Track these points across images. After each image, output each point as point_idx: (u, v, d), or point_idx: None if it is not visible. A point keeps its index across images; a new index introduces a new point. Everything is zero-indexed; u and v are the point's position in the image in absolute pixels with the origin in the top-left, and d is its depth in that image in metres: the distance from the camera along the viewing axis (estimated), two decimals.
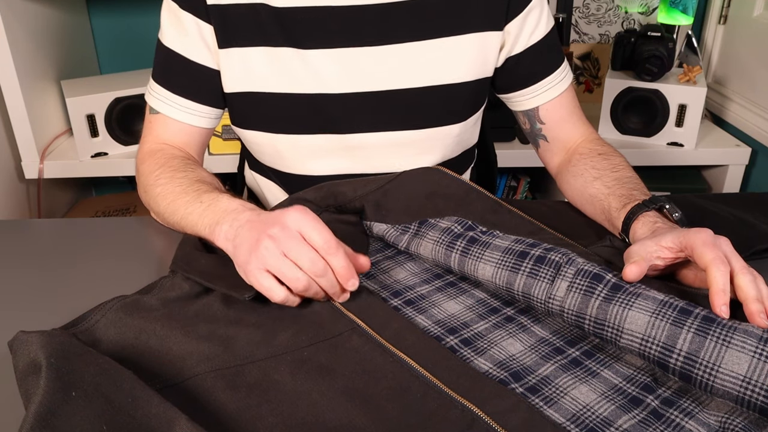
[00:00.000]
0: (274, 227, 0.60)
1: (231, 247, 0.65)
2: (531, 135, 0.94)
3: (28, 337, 0.53)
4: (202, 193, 0.74)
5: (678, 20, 1.60)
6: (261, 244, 0.60)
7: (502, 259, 0.64)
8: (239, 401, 0.52)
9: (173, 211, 0.75)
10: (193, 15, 0.81)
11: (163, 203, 0.77)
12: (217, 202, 0.70)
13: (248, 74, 0.83)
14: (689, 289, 0.64)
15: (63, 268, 0.75)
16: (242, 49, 0.82)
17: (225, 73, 0.84)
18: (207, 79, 0.85)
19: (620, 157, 0.85)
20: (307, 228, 0.60)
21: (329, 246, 0.59)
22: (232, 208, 0.68)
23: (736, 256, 0.59)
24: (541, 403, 0.53)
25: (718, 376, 0.50)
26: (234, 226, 0.65)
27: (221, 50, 0.82)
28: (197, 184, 0.76)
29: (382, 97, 0.84)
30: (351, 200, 0.79)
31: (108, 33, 1.82)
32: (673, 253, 0.62)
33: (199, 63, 0.84)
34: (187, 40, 0.83)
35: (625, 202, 0.74)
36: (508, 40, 0.86)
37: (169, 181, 0.79)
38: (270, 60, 0.82)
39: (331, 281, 0.60)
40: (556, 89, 0.90)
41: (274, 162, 0.91)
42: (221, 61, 0.83)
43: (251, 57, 0.82)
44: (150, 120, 0.87)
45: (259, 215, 0.65)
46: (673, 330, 0.52)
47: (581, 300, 0.58)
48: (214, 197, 0.72)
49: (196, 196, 0.74)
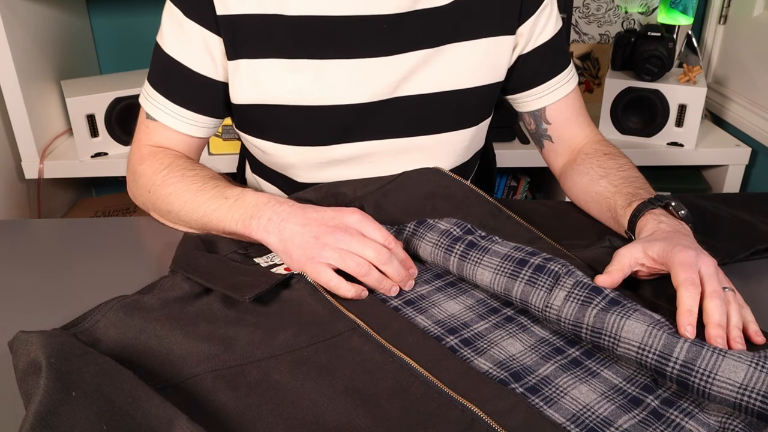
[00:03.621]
0: (336, 230, 0.66)
1: (276, 240, 0.68)
2: (536, 135, 0.94)
3: (28, 337, 0.53)
4: (224, 188, 0.75)
5: (678, 20, 1.60)
6: (323, 242, 0.65)
7: (501, 266, 0.64)
8: (239, 401, 0.52)
9: (193, 209, 0.75)
10: (199, 24, 0.78)
11: (177, 202, 0.77)
12: (244, 197, 0.72)
13: (260, 86, 0.81)
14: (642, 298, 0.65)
15: (63, 268, 0.75)
16: (254, 60, 0.80)
17: (235, 84, 0.82)
18: (208, 90, 0.83)
19: (626, 158, 0.86)
20: (368, 228, 0.67)
21: (390, 240, 0.67)
22: (264, 201, 0.71)
23: (713, 279, 0.59)
24: (541, 403, 0.53)
25: (714, 383, 0.50)
26: (276, 220, 0.68)
27: (231, 62, 0.80)
28: (213, 181, 0.77)
29: (395, 104, 0.84)
30: (351, 201, 0.79)
31: (108, 33, 1.82)
32: (657, 264, 0.64)
33: (201, 73, 0.81)
34: (189, 48, 0.80)
35: (632, 199, 0.75)
36: (520, 42, 0.87)
37: (179, 180, 0.78)
38: (284, 71, 0.80)
39: (397, 268, 0.66)
40: (564, 89, 0.90)
41: (283, 169, 0.91)
42: (230, 72, 0.81)
43: (263, 68, 0.80)
44: (147, 125, 0.85)
45: (305, 210, 0.69)
46: (669, 339, 0.53)
47: (578, 309, 0.58)
48: (238, 192, 0.73)
49: (219, 193, 0.74)
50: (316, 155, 0.86)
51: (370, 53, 0.80)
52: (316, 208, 0.69)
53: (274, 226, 0.68)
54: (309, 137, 0.84)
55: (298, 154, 0.86)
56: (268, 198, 0.71)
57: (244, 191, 0.73)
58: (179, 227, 0.80)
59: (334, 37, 0.79)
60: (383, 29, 0.80)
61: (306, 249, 0.66)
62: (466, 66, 0.84)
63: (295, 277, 0.66)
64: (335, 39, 0.80)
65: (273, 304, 0.63)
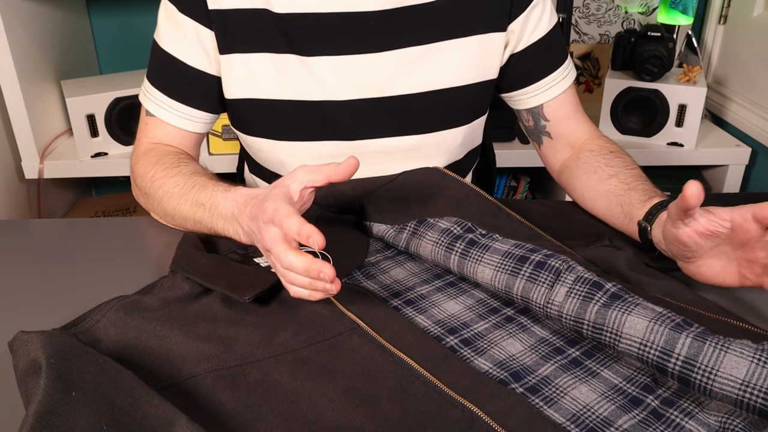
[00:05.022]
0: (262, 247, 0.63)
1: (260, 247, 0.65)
2: (534, 132, 0.94)
3: (28, 337, 0.53)
4: (198, 192, 0.74)
5: (678, 20, 1.60)
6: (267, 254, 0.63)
7: (502, 263, 0.64)
8: (239, 401, 0.52)
9: (184, 218, 0.76)
10: (192, 19, 0.80)
11: (169, 206, 0.78)
12: (216, 207, 0.71)
13: (251, 80, 0.82)
14: (688, 308, 0.64)
15: (63, 268, 0.75)
16: (245, 55, 0.81)
17: (227, 79, 0.83)
18: (204, 85, 0.84)
19: (629, 156, 0.86)
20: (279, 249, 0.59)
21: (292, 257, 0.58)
22: (230, 213, 0.69)
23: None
24: (541, 403, 0.53)
25: (716, 380, 0.50)
26: (241, 232, 0.68)
27: (222, 56, 0.81)
28: (192, 180, 0.76)
29: (384, 103, 0.84)
30: (351, 200, 0.79)
31: (108, 33, 1.82)
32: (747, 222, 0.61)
33: (197, 68, 0.83)
34: (184, 44, 0.82)
35: (651, 195, 0.75)
36: (512, 39, 0.86)
37: (163, 183, 0.78)
38: (273, 66, 0.81)
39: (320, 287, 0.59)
40: (561, 86, 0.89)
41: (276, 168, 0.91)
42: (222, 67, 0.82)
43: (254, 63, 0.81)
44: (146, 122, 0.87)
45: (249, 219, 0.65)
46: (671, 335, 0.52)
47: (580, 305, 0.58)
48: (210, 199, 0.72)
49: (196, 200, 0.74)
50: (307, 152, 0.86)
51: (357, 50, 0.81)
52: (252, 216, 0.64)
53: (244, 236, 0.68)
54: (299, 133, 0.85)
55: (291, 150, 0.86)
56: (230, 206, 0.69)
57: (215, 199, 0.72)
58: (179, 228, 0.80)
59: (322, 33, 0.80)
60: (371, 26, 0.80)
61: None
62: (456, 64, 0.84)
63: None
64: (322, 35, 0.80)
65: (273, 304, 0.64)
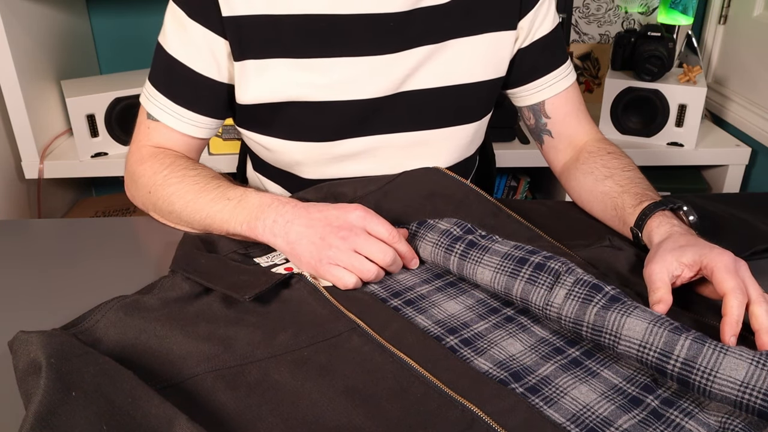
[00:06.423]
0: (340, 230, 0.67)
1: (283, 243, 0.69)
2: (535, 131, 0.95)
3: (28, 337, 0.53)
4: (226, 189, 0.75)
5: (678, 20, 1.60)
6: (330, 243, 0.66)
7: (501, 264, 0.64)
8: (239, 401, 0.52)
9: (195, 210, 0.75)
10: (203, 26, 0.78)
11: (179, 202, 0.77)
12: (247, 198, 0.73)
13: (268, 85, 0.81)
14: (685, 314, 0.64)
15: (63, 268, 0.75)
16: (261, 60, 0.79)
17: (241, 85, 0.81)
18: (210, 91, 0.82)
19: (628, 158, 0.86)
20: (372, 224, 0.68)
21: (394, 236, 0.68)
22: (267, 203, 0.71)
23: (754, 284, 0.59)
24: (541, 403, 0.53)
25: (716, 381, 0.50)
26: (281, 222, 0.69)
27: (237, 63, 0.80)
28: (215, 181, 0.77)
29: (400, 99, 0.84)
30: (351, 201, 0.79)
31: (108, 33, 1.82)
32: (693, 271, 0.63)
33: (204, 75, 0.81)
34: (192, 49, 0.80)
35: (641, 199, 0.75)
36: (520, 36, 0.88)
37: (181, 180, 0.78)
38: (291, 70, 0.80)
39: (399, 265, 0.70)
40: (562, 83, 0.90)
41: (288, 167, 0.90)
42: (237, 73, 0.81)
43: (271, 68, 0.80)
44: (147, 125, 0.85)
45: (308, 210, 0.69)
46: (671, 337, 0.53)
47: (579, 307, 0.58)
48: (241, 193, 0.74)
49: (221, 193, 0.74)
50: (322, 151, 0.86)
51: (377, 51, 0.81)
52: (319, 207, 0.69)
53: (279, 228, 0.69)
54: (315, 133, 0.85)
55: (305, 150, 0.86)
56: (272, 199, 0.72)
57: (247, 191, 0.74)
58: (180, 227, 0.80)
59: (342, 35, 0.80)
60: (390, 27, 0.80)
61: (314, 251, 0.66)
62: (469, 61, 0.85)
63: (295, 277, 0.66)
64: (343, 37, 0.80)
65: (273, 304, 0.64)
